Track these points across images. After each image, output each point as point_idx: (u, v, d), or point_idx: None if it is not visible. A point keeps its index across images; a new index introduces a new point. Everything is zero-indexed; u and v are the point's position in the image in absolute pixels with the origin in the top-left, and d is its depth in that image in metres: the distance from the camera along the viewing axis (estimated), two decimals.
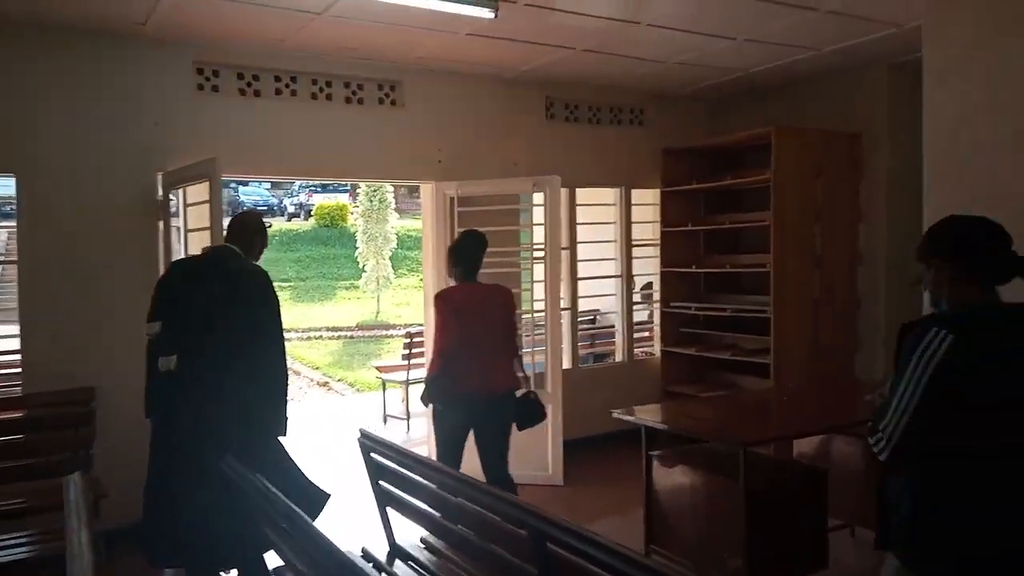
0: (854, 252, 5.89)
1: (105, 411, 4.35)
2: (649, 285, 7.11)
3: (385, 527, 3.22)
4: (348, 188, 25.38)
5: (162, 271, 4.48)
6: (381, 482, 3.15)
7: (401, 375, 7.60)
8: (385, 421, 7.94)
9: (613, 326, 6.85)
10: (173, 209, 4.66)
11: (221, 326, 3.16)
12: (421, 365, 6.50)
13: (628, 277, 6.62)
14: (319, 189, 27.19)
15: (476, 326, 3.91)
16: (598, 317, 7.90)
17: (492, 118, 5.86)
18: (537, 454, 5.44)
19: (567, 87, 6.18)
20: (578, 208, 6.37)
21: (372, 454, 3.10)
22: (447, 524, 2.78)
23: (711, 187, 6.38)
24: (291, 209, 28.21)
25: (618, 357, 6.74)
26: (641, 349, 7.05)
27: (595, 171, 6.39)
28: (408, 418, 7.63)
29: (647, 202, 6.71)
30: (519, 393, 4.09)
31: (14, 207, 4.36)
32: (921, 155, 4.19)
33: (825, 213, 5.72)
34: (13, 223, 4.37)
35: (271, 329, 3.25)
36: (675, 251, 6.56)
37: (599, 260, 6.68)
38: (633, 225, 6.61)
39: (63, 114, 4.34)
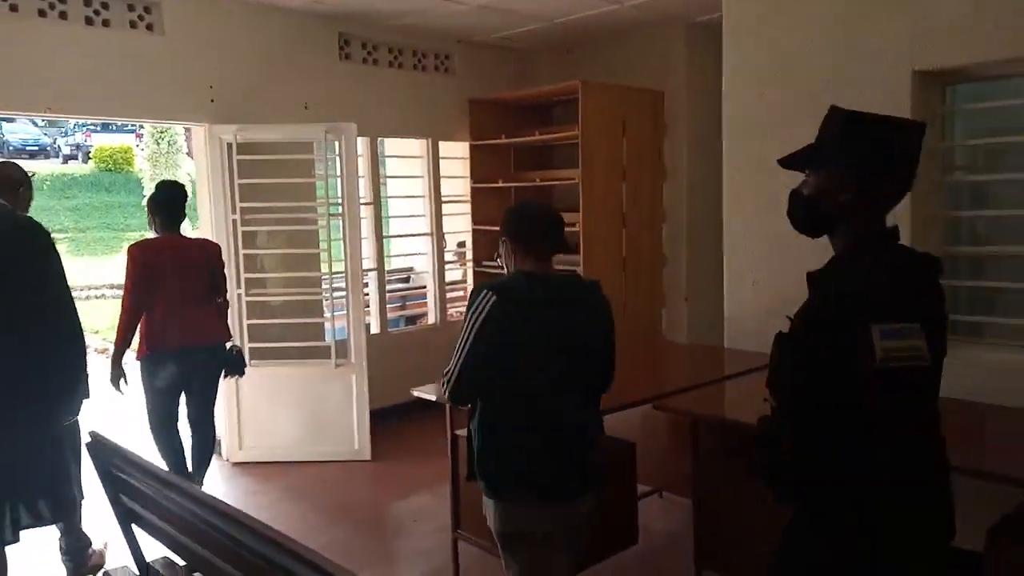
0: (658, 210, 5.90)
1: None
2: (463, 244, 6.79)
3: (131, 546, 2.66)
4: (133, 128, 22.67)
5: None
6: (122, 496, 2.58)
7: None
8: None
9: (425, 287, 6.46)
10: None
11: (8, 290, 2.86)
12: None
13: (439, 235, 6.24)
14: (99, 129, 24.05)
15: (173, 280, 3.87)
16: (412, 277, 7.48)
17: (277, 54, 5.14)
18: (342, 429, 5.00)
19: (363, 25, 5.57)
20: (387, 160, 5.87)
21: (110, 468, 2.51)
22: (194, 548, 2.28)
23: (521, 142, 6.11)
24: (67, 151, 24.78)
25: (430, 319, 6.38)
26: (456, 310, 6.74)
27: (399, 120, 5.89)
28: None
29: (457, 155, 6.32)
30: (228, 345, 4.16)
31: None
32: (721, 115, 4.17)
33: (631, 171, 5.65)
34: None
35: (57, 289, 3.01)
36: (486, 208, 6.25)
37: (409, 217, 6.25)
38: (443, 180, 6.21)
39: None
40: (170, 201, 4.00)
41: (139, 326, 3.87)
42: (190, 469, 4.10)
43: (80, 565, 3.56)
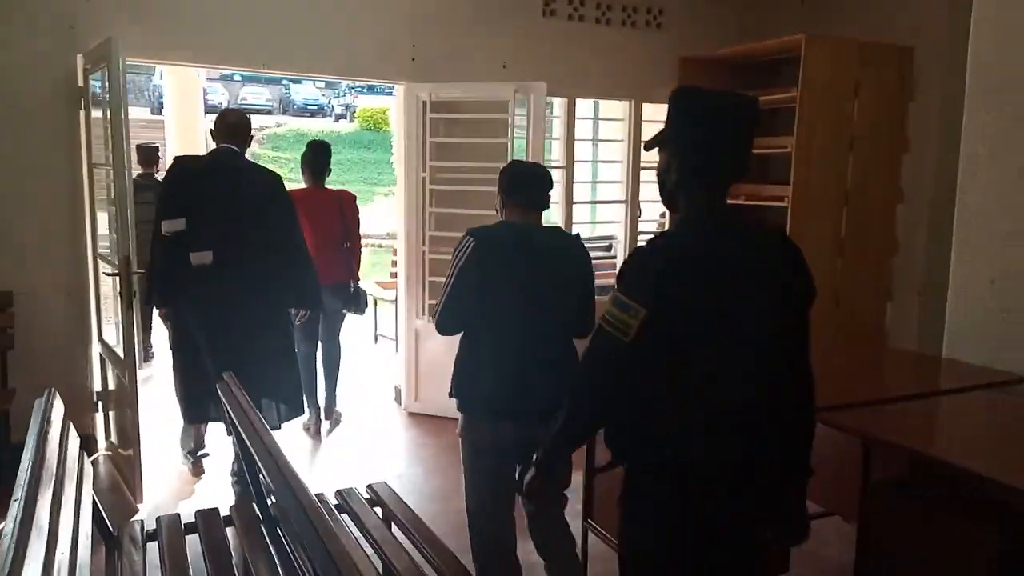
0: (893, 188, 5.04)
1: (21, 317, 4.02)
2: (665, 214, 6.38)
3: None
4: (390, 91, 24.48)
5: (86, 166, 4.15)
6: None
7: (391, 294, 7.14)
8: (376, 340, 7.58)
9: (615, 257, 6.19)
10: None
11: (235, 224, 3.50)
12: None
13: (634, 203, 5.90)
14: (365, 90, 26.32)
15: (312, 226, 4.32)
16: (614, 245, 7.22)
17: (479, 12, 5.09)
18: None
19: None
20: (580, 122, 5.63)
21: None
22: None
23: None
24: (338, 110, 27.50)
25: None
26: None
27: (601, 80, 5.60)
28: (397, 340, 7.21)
29: (661, 119, 5.89)
30: (353, 286, 4.78)
31: None
32: None
33: (861, 141, 4.87)
34: None
35: (285, 224, 3.63)
36: None
37: (605, 183, 5.98)
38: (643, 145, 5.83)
39: None
40: (314, 158, 4.72)
41: None
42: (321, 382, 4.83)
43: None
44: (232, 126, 3.65)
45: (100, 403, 4.29)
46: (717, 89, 1.88)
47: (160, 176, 5.76)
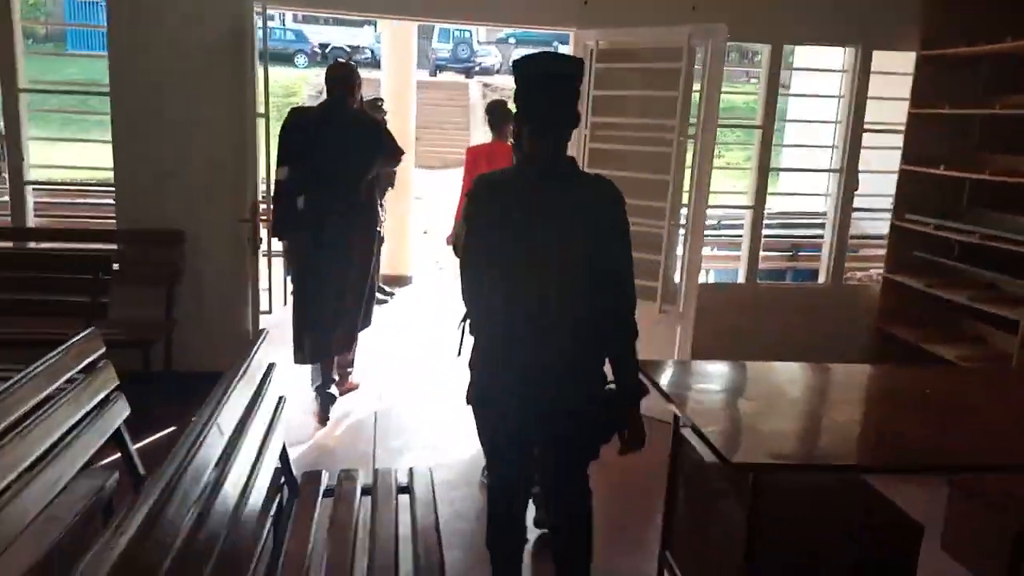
0: None
1: (189, 255, 4.29)
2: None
3: None
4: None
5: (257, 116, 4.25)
6: None
7: None
8: None
9: (822, 236, 5.25)
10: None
11: (340, 170, 3.83)
12: None
13: (850, 173, 4.92)
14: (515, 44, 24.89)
15: None
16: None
17: None
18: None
19: None
20: (794, 74, 4.78)
21: None
22: None
23: (997, 50, 4.29)
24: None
25: (820, 277, 5.18)
26: (862, 271, 5.38)
27: (817, 23, 4.68)
28: None
29: (892, 70, 4.82)
30: None
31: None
32: None
33: None
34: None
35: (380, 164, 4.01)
36: (927, 143, 4.68)
37: (810, 147, 5.06)
38: (868, 102, 4.81)
39: None
40: (491, 116, 5.02)
41: None
42: None
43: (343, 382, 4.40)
44: (333, 79, 3.97)
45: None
46: (544, 52, 2.17)
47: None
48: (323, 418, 4.13)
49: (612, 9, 4.40)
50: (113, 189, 4.31)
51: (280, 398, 2.41)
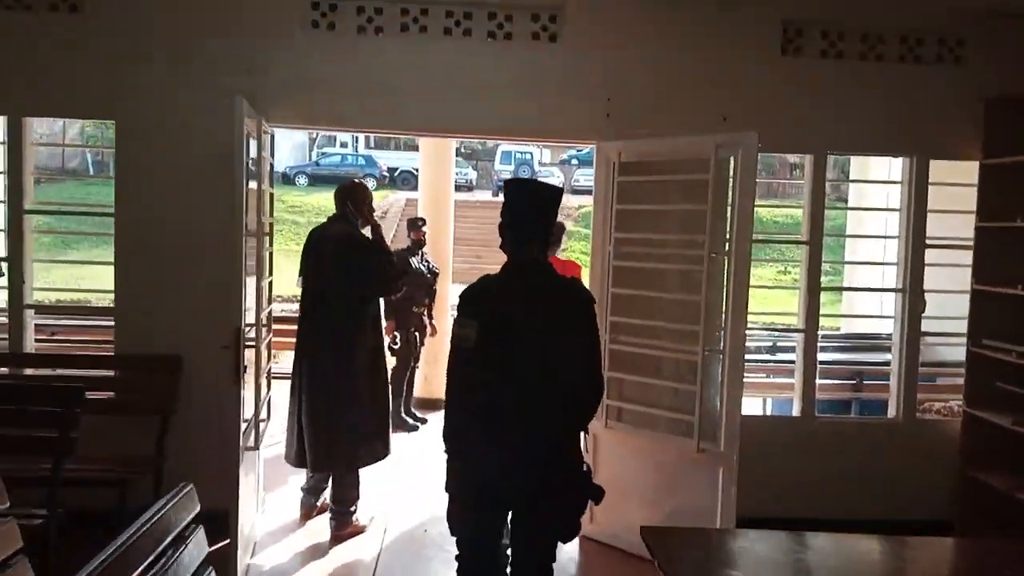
0: None
1: (185, 383, 4.03)
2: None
3: None
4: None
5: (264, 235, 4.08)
6: None
7: None
8: None
9: (888, 363, 4.64)
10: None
11: (322, 289, 3.94)
12: None
13: (914, 292, 4.38)
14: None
15: None
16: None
17: (694, 54, 4.21)
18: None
19: (824, 5, 4.21)
20: (851, 185, 4.38)
21: None
22: None
23: None
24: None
25: (889, 411, 4.55)
26: (939, 403, 4.73)
27: (867, 132, 4.32)
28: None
29: (955, 181, 4.36)
30: None
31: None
32: None
33: None
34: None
35: (357, 270, 3.87)
36: (1000, 260, 4.15)
37: (870, 264, 4.57)
38: (929, 215, 4.34)
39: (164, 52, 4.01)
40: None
41: None
42: None
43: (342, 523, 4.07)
44: (337, 193, 4.11)
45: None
46: (529, 179, 3.93)
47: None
48: (305, 515, 4.23)
49: (637, 121, 4.15)
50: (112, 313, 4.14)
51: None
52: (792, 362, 4.90)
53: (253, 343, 3.48)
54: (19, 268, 3.99)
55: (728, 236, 3.72)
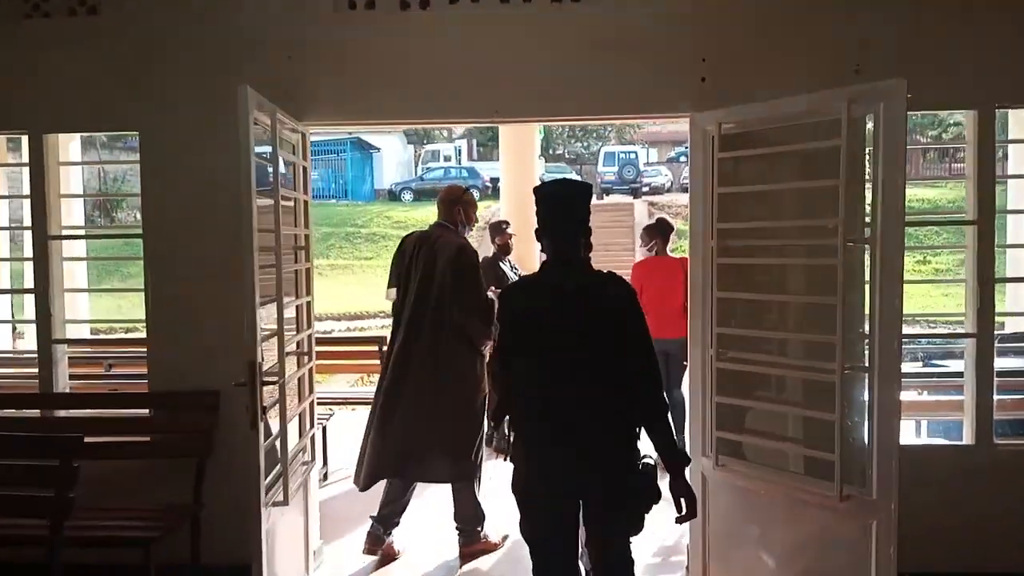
0: None
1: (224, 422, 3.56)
2: None
3: None
4: None
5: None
6: None
7: None
8: None
9: None
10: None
11: (425, 296, 3.65)
12: None
13: None
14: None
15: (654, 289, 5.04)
16: None
17: None
18: None
19: None
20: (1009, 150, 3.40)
21: None
22: None
23: None
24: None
25: None
26: None
27: None
28: None
29: None
30: None
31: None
32: None
33: None
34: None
35: (464, 298, 3.60)
36: None
37: None
38: None
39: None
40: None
41: None
42: None
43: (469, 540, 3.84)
44: (440, 202, 3.88)
45: None
46: (560, 179, 2.84)
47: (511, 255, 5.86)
48: (369, 548, 3.78)
49: (741, 83, 3.33)
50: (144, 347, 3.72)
51: None
52: (953, 374, 3.89)
53: (275, 379, 2.90)
54: (45, 299, 3.63)
55: (870, 218, 2.83)
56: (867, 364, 2.86)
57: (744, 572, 3.28)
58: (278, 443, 2.95)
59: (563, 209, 2.49)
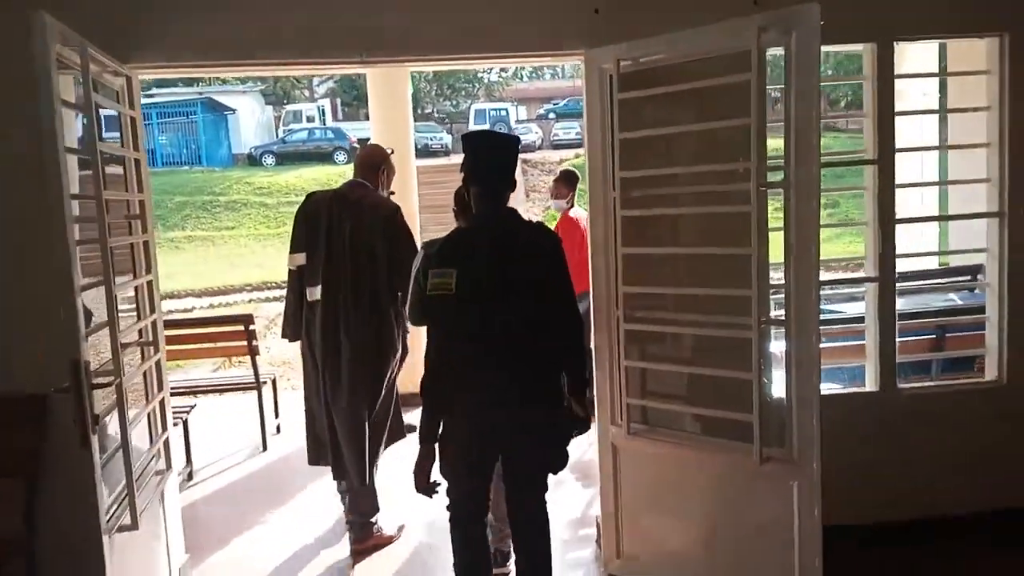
0: None
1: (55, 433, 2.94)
2: None
3: None
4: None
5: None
6: None
7: None
8: None
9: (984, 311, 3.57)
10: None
11: (352, 259, 3.34)
12: None
13: (1015, 215, 3.33)
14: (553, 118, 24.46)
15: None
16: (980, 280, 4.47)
17: None
18: (772, 562, 2.74)
19: None
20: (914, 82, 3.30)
21: None
22: None
23: None
24: None
25: (988, 372, 3.51)
26: None
27: (943, 7, 3.21)
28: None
29: None
30: None
31: None
32: None
33: None
34: None
35: (395, 262, 3.33)
36: None
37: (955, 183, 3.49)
38: None
39: None
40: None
41: None
42: None
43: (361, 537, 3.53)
44: (359, 158, 3.66)
45: None
46: (488, 130, 3.30)
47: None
48: (356, 549, 3.50)
49: (638, 15, 3.03)
50: None
51: None
52: (853, 319, 3.85)
53: (109, 379, 2.37)
54: None
55: (784, 161, 2.62)
56: (784, 317, 2.68)
57: (659, 543, 3.09)
58: (121, 456, 2.42)
59: (496, 158, 2.55)
